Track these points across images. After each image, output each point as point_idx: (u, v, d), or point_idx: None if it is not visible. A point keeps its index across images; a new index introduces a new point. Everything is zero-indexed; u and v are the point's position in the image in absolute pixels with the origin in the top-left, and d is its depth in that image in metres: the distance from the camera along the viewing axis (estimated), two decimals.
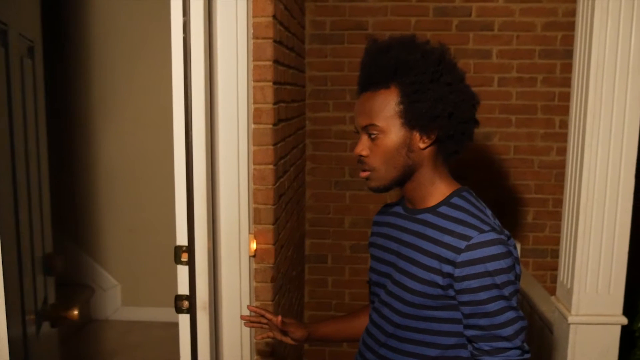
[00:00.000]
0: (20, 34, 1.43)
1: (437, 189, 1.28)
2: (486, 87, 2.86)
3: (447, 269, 1.18)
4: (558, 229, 2.43)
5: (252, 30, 1.68)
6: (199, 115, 1.46)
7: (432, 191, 1.28)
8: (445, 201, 1.26)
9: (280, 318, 1.38)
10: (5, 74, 1.32)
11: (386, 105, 1.23)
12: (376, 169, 1.26)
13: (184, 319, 1.51)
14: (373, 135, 1.24)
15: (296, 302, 2.63)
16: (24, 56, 1.46)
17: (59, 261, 1.61)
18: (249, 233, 1.72)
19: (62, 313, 1.54)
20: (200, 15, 1.44)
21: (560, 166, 2.77)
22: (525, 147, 2.92)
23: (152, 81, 3.40)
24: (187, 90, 1.44)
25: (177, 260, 1.48)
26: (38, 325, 1.46)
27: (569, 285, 2.00)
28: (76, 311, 1.53)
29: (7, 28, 1.33)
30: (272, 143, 1.75)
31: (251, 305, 1.70)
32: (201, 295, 1.50)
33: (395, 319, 1.28)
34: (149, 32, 3.39)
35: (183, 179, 1.46)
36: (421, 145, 1.24)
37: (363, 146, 1.26)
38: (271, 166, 1.76)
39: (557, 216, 2.71)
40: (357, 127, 1.29)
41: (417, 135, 1.23)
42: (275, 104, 1.77)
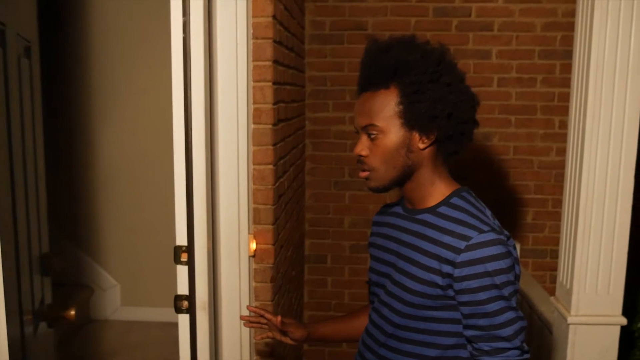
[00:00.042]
0: (17, 34, 1.43)
1: (437, 189, 1.28)
2: (486, 88, 2.86)
3: (447, 269, 1.18)
4: (557, 230, 2.44)
5: (252, 31, 1.68)
6: (199, 115, 1.46)
7: (432, 191, 1.28)
8: (445, 201, 1.26)
9: (279, 318, 1.38)
10: (3, 74, 1.32)
11: (386, 105, 1.23)
12: (376, 169, 1.26)
13: (183, 319, 1.51)
14: (373, 136, 1.24)
15: (296, 302, 2.63)
16: (21, 56, 1.46)
17: (55, 261, 1.61)
18: (249, 233, 1.72)
19: (59, 313, 1.54)
20: (200, 15, 1.44)
21: (560, 166, 2.78)
22: (524, 148, 2.92)
23: (152, 81, 3.40)
24: (187, 90, 1.44)
25: (177, 260, 1.48)
26: (35, 326, 1.46)
27: (568, 286, 2.00)
28: (73, 311, 1.53)
29: (5, 28, 1.34)
30: (272, 143, 1.75)
31: (251, 305, 1.70)
32: (201, 295, 1.50)
33: (395, 319, 1.28)
34: (149, 32, 3.39)
35: (183, 179, 1.46)
36: (421, 145, 1.24)
37: (362, 146, 1.26)
38: (271, 166, 1.76)
39: (557, 216, 2.71)
40: (357, 127, 1.29)
41: (417, 135, 1.23)
42: (275, 104, 1.77)
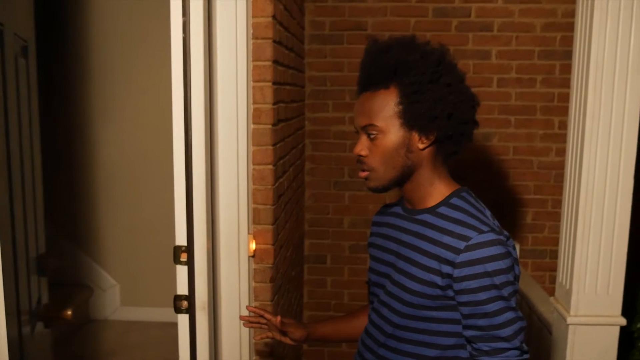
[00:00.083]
0: (15, 34, 1.43)
1: (436, 190, 1.28)
2: (485, 88, 2.86)
3: (446, 269, 1.18)
4: (557, 230, 2.44)
5: (252, 31, 1.68)
6: (199, 115, 1.46)
7: (431, 192, 1.28)
8: (445, 202, 1.26)
9: (279, 318, 1.38)
10: (0, 74, 1.32)
11: (385, 105, 1.23)
12: (375, 169, 1.26)
13: (183, 319, 1.51)
14: (372, 136, 1.24)
15: (295, 302, 2.63)
16: (18, 55, 1.46)
17: (52, 261, 1.61)
18: (248, 233, 1.72)
19: (56, 313, 1.54)
20: (200, 16, 1.44)
21: (560, 167, 2.78)
22: (524, 148, 2.92)
23: (152, 81, 3.40)
24: (187, 90, 1.44)
25: (176, 260, 1.48)
26: (32, 326, 1.46)
27: (567, 286, 2.00)
28: (70, 311, 1.53)
29: (3, 28, 1.34)
30: (272, 143, 1.75)
31: (250, 305, 1.70)
32: (200, 295, 1.50)
33: (395, 319, 1.28)
34: (149, 32, 3.39)
35: (182, 179, 1.46)
36: (420, 145, 1.24)
37: (362, 146, 1.26)
38: (270, 166, 1.76)
39: (556, 217, 2.71)
40: (357, 127, 1.29)
41: (416, 135, 1.23)
42: (274, 104, 1.77)
